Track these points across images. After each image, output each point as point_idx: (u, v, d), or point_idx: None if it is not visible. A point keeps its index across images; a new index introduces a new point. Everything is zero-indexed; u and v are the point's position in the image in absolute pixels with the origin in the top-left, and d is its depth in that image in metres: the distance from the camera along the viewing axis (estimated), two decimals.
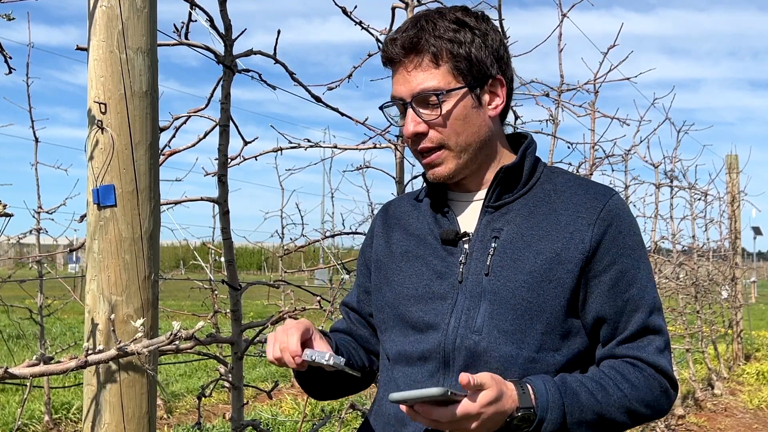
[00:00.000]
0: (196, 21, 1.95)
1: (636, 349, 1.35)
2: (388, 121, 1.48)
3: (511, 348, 1.31)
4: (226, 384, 2.12)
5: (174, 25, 1.94)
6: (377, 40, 2.51)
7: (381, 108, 1.46)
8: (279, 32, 2.10)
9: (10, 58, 1.52)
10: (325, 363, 1.29)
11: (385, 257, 1.49)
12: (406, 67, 1.38)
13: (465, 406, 1.16)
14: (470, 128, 1.39)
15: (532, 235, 1.36)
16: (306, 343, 1.33)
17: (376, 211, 1.72)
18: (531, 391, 1.24)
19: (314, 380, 1.47)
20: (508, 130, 1.53)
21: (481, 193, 1.44)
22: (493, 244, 1.37)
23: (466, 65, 1.37)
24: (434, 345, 1.35)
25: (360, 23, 2.46)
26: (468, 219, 1.43)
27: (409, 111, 1.38)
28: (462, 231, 1.41)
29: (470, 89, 1.38)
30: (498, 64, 1.41)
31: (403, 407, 1.19)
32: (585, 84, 4.07)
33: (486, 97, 1.40)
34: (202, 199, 2.13)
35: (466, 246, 1.39)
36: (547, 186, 1.43)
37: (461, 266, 1.38)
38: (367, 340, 1.56)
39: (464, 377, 1.16)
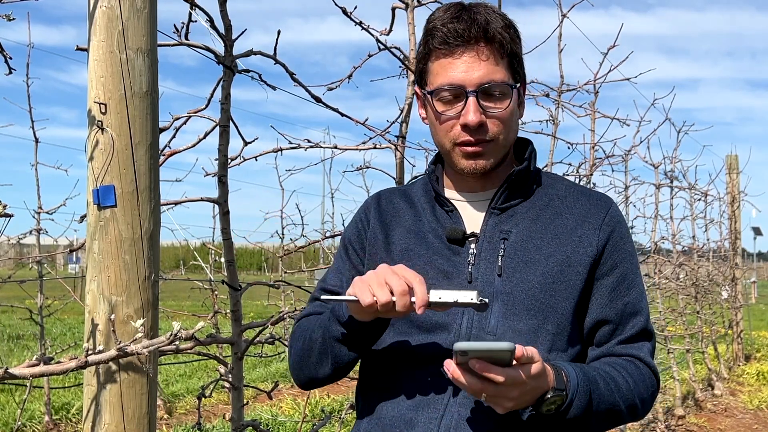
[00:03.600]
0: (196, 21, 1.95)
1: (635, 349, 1.40)
2: (432, 106, 1.38)
3: None
4: (226, 384, 2.12)
5: (174, 25, 1.94)
6: (377, 40, 2.51)
7: (430, 93, 1.37)
8: (279, 32, 2.10)
9: (11, 58, 1.52)
10: (470, 301, 1.21)
11: (383, 254, 1.45)
12: (478, 54, 1.34)
13: (519, 372, 1.16)
14: (515, 126, 1.42)
15: (541, 238, 1.38)
16: None
17: None
18: (564, 375, 1.25)
19: (361, 342, 1.37)
20: None
21: (486, 194, 1.44)
22: (502, 246, 1.37)
23: (517, 63, 1.39)
24: (446, 346, 1.33)
25: (360, 24, 2.46)
26: (471, 219, 1.43)
27: (472, 100, 1.34)
28: (469, 231, 1.40)
29: (518, 89, 1.40)
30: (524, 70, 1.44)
31: (450, 369, 1.17)
32: (585, 84, 4.07)
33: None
34: (202, 200, 2.13)
35: (473, 246, 1.38)
36: (550, 191, 1.45)
37: (470, 266, 1.37)
38: None
39: (519, 349, 1.15)
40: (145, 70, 1.50)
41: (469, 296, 1.22)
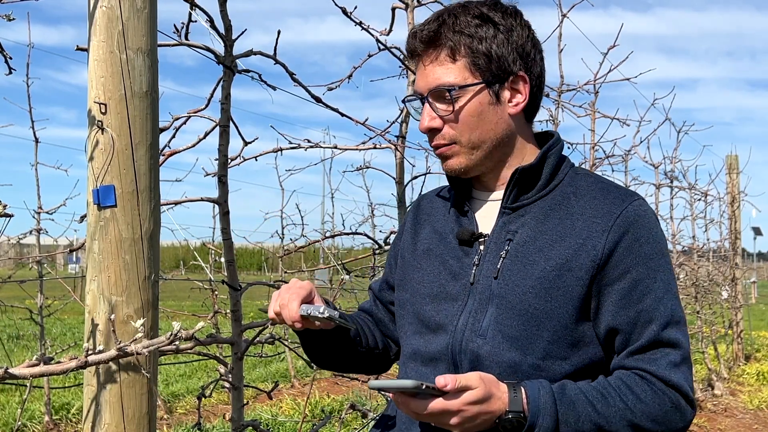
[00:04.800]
0: (196, 21, 1.95)
1: (646, 361, 1.29)
2: (412, 116, 1.48)
3: (515, 354, 1.29)
4: (226, 384, 2.12)
5: (174, 25, 1.94)
6: (377, 40, 2.51)
7: (404, 101, 1.48)
8: (279, 33, 2.10)
9: (11, 58, 1.52)
10: (320, 315, 1.30)
11: (409, 254, 1.50)
12: (424, 61, 1.38)
13: (442, 402, 1.17)
14: (485, 125, 1.36)
15: (545, 240, 1.33)
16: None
17: (376, 212, 1.74)
18: (524, 395, 1.21)
19: (317, 345, 1.49)
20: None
21: (500, 193, 1.41)
22: (506, 247, 1.35)
23: (485, 61, 1.35)
24: (443, 346, 1.35)
25: (360, 24, 2.46)
26: (487, 219, 1.42)
27: (426, 105, 1.38)
28: (479, 231, 1.39)
29: (488, 85, 1.35)
30: (523, 61, 1.37)
31: (393, 399, 1.21)
32: (585, 84, 4.08)
33: (506, 94, 1.37)
34: (202, 200, 2.13)
35: (481, 247, 1.38)
36: (567, 189, 1.38)
37: (474, 268, 1.36)
38: (385, 324, 1.60)
39: (441, 380, 1.16)
40: (145, 70, 1.50)
41: (320, 310, 1.32)
